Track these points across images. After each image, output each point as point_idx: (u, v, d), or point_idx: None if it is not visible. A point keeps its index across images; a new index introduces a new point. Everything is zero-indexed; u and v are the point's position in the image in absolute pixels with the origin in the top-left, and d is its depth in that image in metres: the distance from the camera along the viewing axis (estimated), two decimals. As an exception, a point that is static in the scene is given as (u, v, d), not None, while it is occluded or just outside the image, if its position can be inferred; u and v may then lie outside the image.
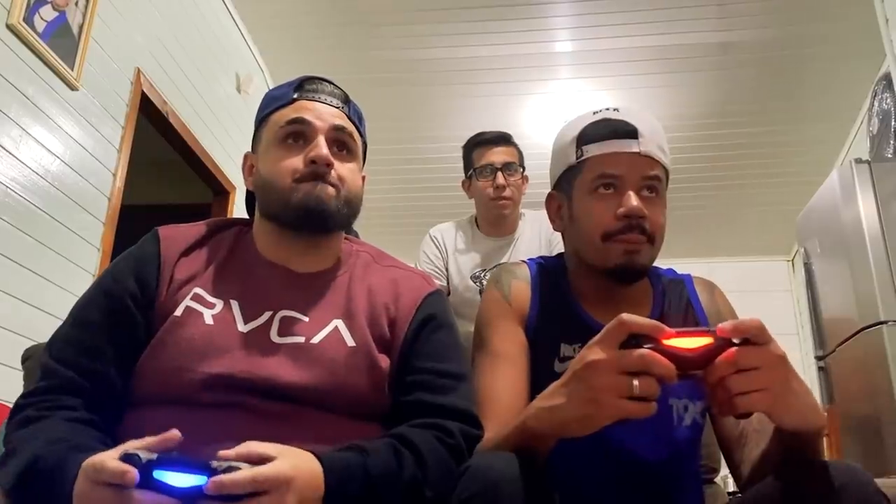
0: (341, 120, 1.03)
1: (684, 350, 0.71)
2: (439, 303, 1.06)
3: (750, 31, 3.82)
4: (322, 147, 0.98)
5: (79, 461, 0.74)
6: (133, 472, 0.67)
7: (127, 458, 0.69)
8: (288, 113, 1.01)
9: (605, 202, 1.03)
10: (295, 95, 1.03)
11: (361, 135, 1.08)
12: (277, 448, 0.74)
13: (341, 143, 1.02)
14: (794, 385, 0.75)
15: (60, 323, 1.01)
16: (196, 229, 1.04)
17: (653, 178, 1.03)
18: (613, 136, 1.03)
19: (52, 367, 0.91)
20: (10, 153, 2.22)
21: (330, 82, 1.06)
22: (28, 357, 1.60)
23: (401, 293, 1.03)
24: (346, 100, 1.06)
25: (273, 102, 1.05)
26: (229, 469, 0.69)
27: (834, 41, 3.78)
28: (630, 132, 1.03)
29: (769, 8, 3.66)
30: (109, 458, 0.69)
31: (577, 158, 1.06)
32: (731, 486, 3.38)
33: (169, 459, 0.69)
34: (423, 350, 0.99)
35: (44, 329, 2.25)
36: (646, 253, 1.03)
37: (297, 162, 0.98)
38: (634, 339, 0.72)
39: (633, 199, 1.01)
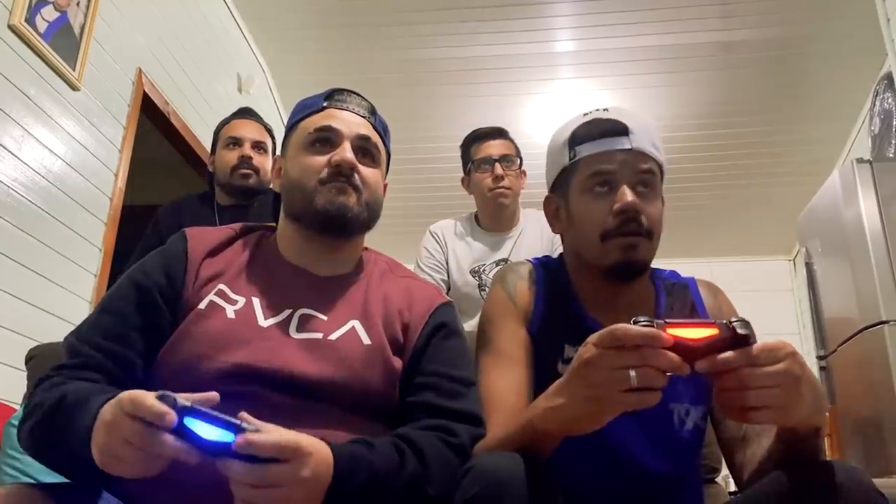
0: (367, 129, 1.08)
1: (688, 340, 0.71)
2: (451, 313, 1.09)
3: (751, 30, 3.83)
4: (347, 151, 1.03)
5: (101, 400, 0.77)
6: (172, 416, 0.68)
7: (163, 397, 0.69)
8: (317, 120, 1.07)
9: (601, 200, 1.04)
10: (324, 104, 1.08)
11: (386, 145, 1.13)
12: (297, 433, 0.76)
13: (366, 150, 1.07)
14: (804, 392, 0.75)
15: (62, 323, 1.03)
16: (221, 232, 1.09)
17: (646, 173, 1.04)
18: (604, 135, 1.05)
19: (77, 347, 0.93)
20: (12, 153, 2.23)
21: (358, 94, 1.12)
22: (32, 357, 1.60)
23: (414, 301, 1.06)
24: (373, 111, 1.11)
25: (303, 110, 1.10)
26: (258, 431, 0.70)
27: (835, 40, 3.78)
28: (620, 130, 1.04)
29: (770, 7, 3.66)
30: (150, 396, 0.70)
31: (570, 160, 1.07)
32: (733, 486, 3.37)
33: (202, 411, 0.70)
34: (433, 355, 1.01)
35: (45, 329, 2.26)
36: (644, 248, 1.04)
37: (322, 164, 1.03)
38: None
39: (627, 194, 1.02)
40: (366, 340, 0.99)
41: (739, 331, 0.71)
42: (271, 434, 0.71)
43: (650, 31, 3.85)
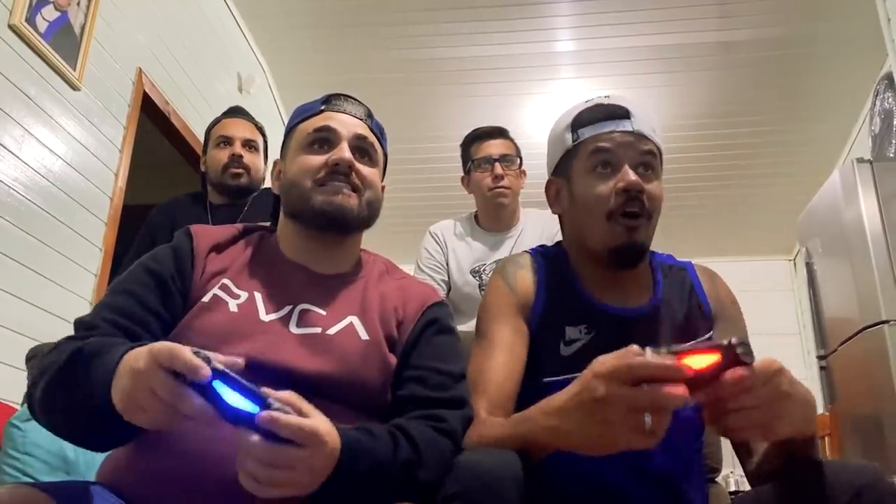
0: (364, 130, 1.11)
1: (695, 371, 0.70)
2: (443, 312, 1.11)
3: (751, 30, 3.83)
4: (345, 151, 1.06)
5: (125, 348, 0.77)
6: (207, 370, 0.68)
7: (197, 354, 0.70)
8: (315, 122, 1.10)
9: (604, 180, 1.07)
10: (322, 107, 1.12)
11: (383, 147, 1.16)
12: (313, 409, 0.77)
13: (363, 150, 1.10)
14: (791, 408, 0.74)
15: (62, 323, 1.03)
16: (224, 230, 1.11)
17: (647, 154, 1.07)
18: (607, 118, 1.08)
19: (92, 322, 0.93)
20: (13, 153, 2.23)
21: (355, 98, 1.15)
22: (32, 356, 1.61)
23: (409, 298, 1.08)
24: (370, 115, 1.15)
25: (301, 114, 1.14)
26: (283, 410, 0.71)
27: (835, 40, 3.78)
28: (622, 113, 1.08)
29: (770, 7, 3.66)
30: (187, 350, 0.70)
31: (573, 142, 1.11)
32: (733, 486, 3.37)
33: (233, 378, 0.70)
34: (423, 350, 1.03)
35: (45, 328, 2.26)
36: (644, 230, 1.06)
37: (320, 164, 1.05)
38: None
39: (630, 174, 1.05)
40: (363, 336, 1.00)
41: (743, 359, 0.70)
42: (294, 417, 0.72)
43: (650, 31, 3.85)
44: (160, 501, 0.84)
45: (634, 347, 0.71)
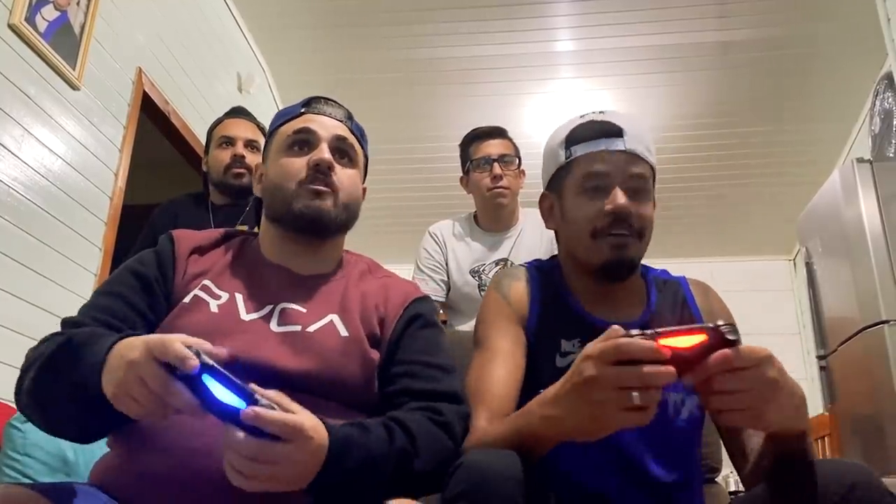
0: (343, 132, 1.12)
1: (681, 349, 0.71)
2: (427, 307, 1.12)
3: (750, 30, 3.83)
4: (325, 152, 1.07)
5: (114, 337, 0.79)
6: (194, 361, 0.70)
7: (188, 348, 0.71)
8: (295, 124, 1.11)
9: (594, 200, 1.07)
10: (302, 110, 1.13)
11: (363, 148, 1.17)
12: (299, 407, 0.78)
13: (343, 151, 1.11)
14: (782, 398, 0.75)
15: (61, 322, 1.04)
16: (206, 234, 1.13)
17: (639, 177, 1.08)
18: (600, 136, 1.09)
19: (79, 321, 0.96)
20: (12, 153, 2.23)
21: (335, 101, 1.16)
22: (31, 356, 1.60)
23: (390, 295, 1.09)
24: (350, 116, 1.16)
25: (282, 117, 1.15)
26: (269, 407, 0.72)
27: (835, 40, 3.78)
28: (616, 131, 1.08)
29: (770, 7, 3.66)
30: (178, 342, 0.72)
31: (566, 159, 1.11)
32: (733, 486, 3.37)
33: (222, 373, 0.71)
34: (409, 345, 1.04)
35: (45, 328, 2.25)
36: (634, 247, 1.07)
37: (301, 166, 1.06)
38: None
39: (619, 197, 1.05)
40: (343, 333, 1.01)
41: (728, 336, 0.71)
42: (278, 413, 0.73)
43: (649, 30, 3.85)
44: (151, 501, 0.85)
45: (618, 328, 0.73)
